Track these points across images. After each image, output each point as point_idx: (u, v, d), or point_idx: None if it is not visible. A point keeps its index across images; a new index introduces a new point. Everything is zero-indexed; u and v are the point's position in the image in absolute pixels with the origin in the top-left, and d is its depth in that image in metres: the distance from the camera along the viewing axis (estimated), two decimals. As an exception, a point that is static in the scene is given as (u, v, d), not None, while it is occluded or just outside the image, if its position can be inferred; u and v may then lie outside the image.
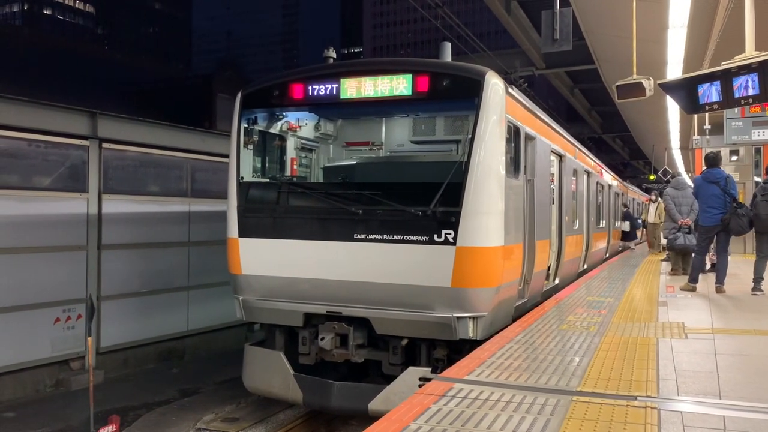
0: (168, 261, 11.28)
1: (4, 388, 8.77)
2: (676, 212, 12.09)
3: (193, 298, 11.70)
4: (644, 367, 5.09)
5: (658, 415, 3.88)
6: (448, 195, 6.51)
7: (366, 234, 6.86)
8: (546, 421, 3.76)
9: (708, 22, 10.94)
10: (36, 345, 9.07)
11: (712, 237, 9.70)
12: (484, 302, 6.59)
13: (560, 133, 10.88)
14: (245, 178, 7.77)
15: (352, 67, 7.64)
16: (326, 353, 7.08)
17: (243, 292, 7.60)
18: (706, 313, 7.96)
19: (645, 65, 10.39)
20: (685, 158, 31.67)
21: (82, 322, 9.50)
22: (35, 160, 9.34)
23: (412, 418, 3.82)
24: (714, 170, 9.58)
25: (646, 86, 8.60)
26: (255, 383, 7.74)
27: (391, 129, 8.92)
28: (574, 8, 11.88)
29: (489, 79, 6.76)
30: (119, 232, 10.30)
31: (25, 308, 8.92)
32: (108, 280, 10.11)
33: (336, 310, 7.02)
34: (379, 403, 6.66)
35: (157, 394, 9.32)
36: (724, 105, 6.50)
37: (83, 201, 9.79)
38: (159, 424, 8.08)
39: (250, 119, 7.91)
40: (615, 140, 46.17)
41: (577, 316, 7.64)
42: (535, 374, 4.85)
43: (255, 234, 7.49)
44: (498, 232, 6.70)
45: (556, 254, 10.35)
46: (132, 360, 10.60)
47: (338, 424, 8.10)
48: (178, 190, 11.61)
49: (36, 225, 9.11)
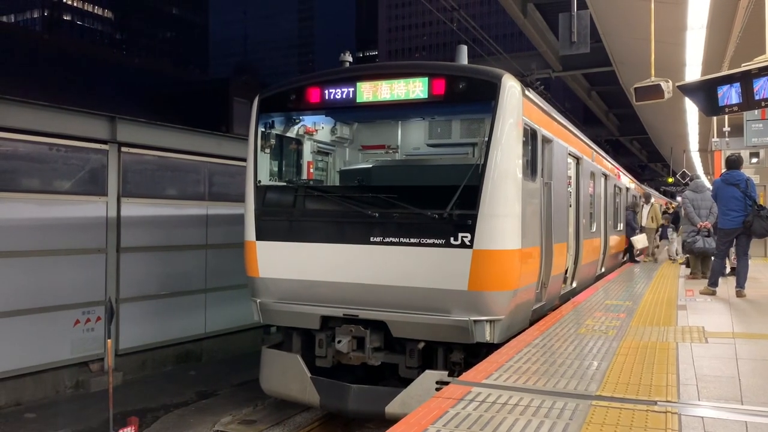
0: (185, 264, 11.36)
1: (25, 389, 8.88)
2: (695, 215, 11.97)
3: (211, 300, 11.77)
4: (664, 372, 5.04)
5: (679, 421, 3.84)
6: (465, 198, 6.50)
7: (382, 237, 6.87)
8: (565, 425, 3.74)
9: (727, 24, 10.82)
10: (56, 347, 9.17)
11: (732, 240, 9.58)
12: (501, 305, 6.56)
13: (577, 135, 10.82)
14: (262, 182, 7.81)
15: (368, 71, 7.65)
16: (343, 356, 7.08)
17: (260, 294, 7.64)
18: (726, 318, 7.86)
19: (663, 67, 10.29)
20: (704, 161, 31.32)
21: (101, 324, 9.60)
22: (56, 165, 9.46)
23: (431, 422, 3.81)
24: (734, 172, 9.47)
25: (664, 88, 8.52)
26: (272, 386, 7.76)
27: (407, 132, 8.93)
28: (592, 11, 11.80)
29: (506, 81, 6.75)
30: (138, 235, 10.39)
31: (45, 310, 9.03)
32: (127, 283, 10.21)
33: (353, 313, 7.03)
34: (396, 407, 6.65)
35: (175, 395, 9.39)
36: (744, 107, 6.43)
37: (103, 204, 9.89)
38: (177, 426, 8.13)
39: (268, 123, 7.95)
40: (632, 143, 45.77)
41: (595, 319, 7.59)
42: (553, 378, 4.82)
43: (272, 237, 7.52)
44: (515, 235, 6.68)
45: (574, 257, 10.29)
46: (150, 362, 10.69)
47: (355, 427, 8.10)
48: (196, 193, 11.70)
49: (56, 228, 9.22)
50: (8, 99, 8.83)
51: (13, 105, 8.84)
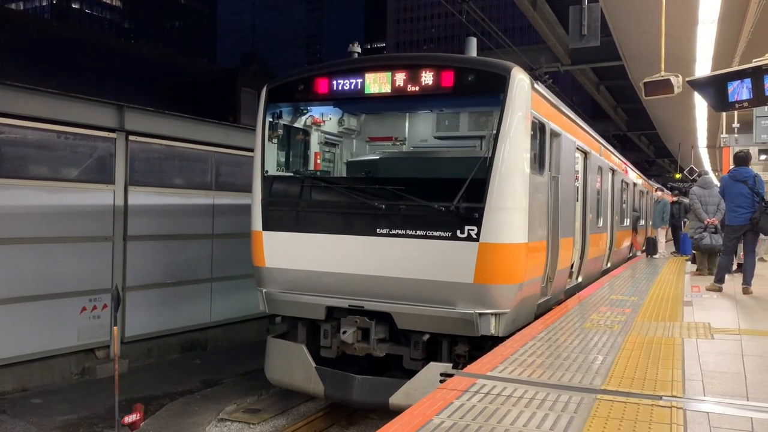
0: (192, 253, 11.39)
1: (32, 375, 8.95)
2: (702, 212, 11.93)
3: (216, 289, 11.81)
4: (669, 367, 5.04)
5: (684, 416, 3.84)
6: (472, 191, 6.49)
7: (389, 229, 6.87)
8: (570, 418, 3.75)
9: (739, 18, 10.74)
10: (63, 333, 9.23)
11: (739, 237, 9.55)
12: (506, 299, 6.56)
13: (585, 129, 10.77)
14: (270, 172, 7.82)
15: (376, 62, 7.63)
16: (348, 347, 7.11)
17: (266, 284, 7.66)
18: (732, 314, 7.85)
19: (673, 62, 10.23)
20: (712, 157, 31.14)
21: (108, 312, 9.64)
22: (64, 152, 9.49)
23: (435, 413, 3.83)
24: (742, 169, 9.44)
25: (674, 83, 8.46)
26: (277, 375, 7.80)
27: (414, 124, 8.91)
28: (602, 4, 11.72)
29: (515, 74, 6.72)
30: (144, 223, 10.42)
31: (52, 297, 9.08)
32: (133, 271, 10.25)
33: (358, 304, 7.05)
34: (400, 398, 6.68)
35: (180, 384, 9.44)
36: (754, 103, 6.40)
37: (110, 192, 9.92)
38: (182, 414, 8.18)
39: (275, 113, 7.95)
40: (640, 138, 45.50)
41: (600, 314, 7.58)
42: (558, 372, 4.83)
43: (279, 227, 7.54)
44: (522, 229, 6.67)
45: (580, 252, 10.27)
46: (155, 350, 10.74)
47: (358, 418, 8.14)
48: (203, 182, 11.72)
49: (64, 215, 9.26)
50: (18, 86, 8.85)
51: (22, 92, 8.85)
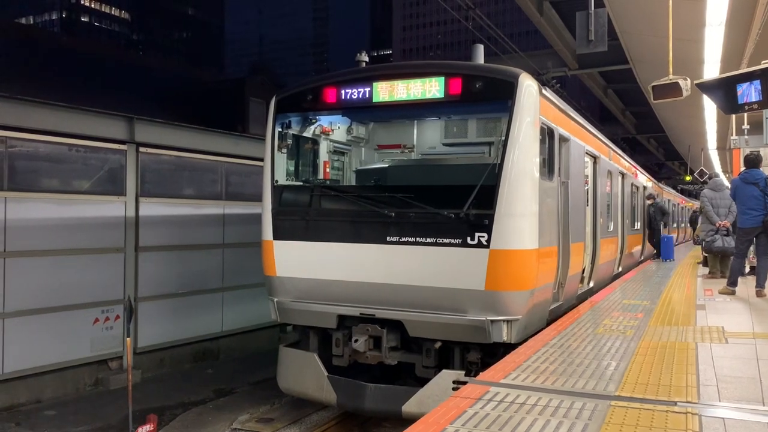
0: (203, 263, 11.44)
1: (46, 387, 9.00)
2: (714, 214, 11.86)
3: (228, 299, 11.85)
4: (683, 372, 5.00)
5: (700, 421, 3.81)
6: (482, 197, 6.49)
7: (399, 237, 6.88)
8: (584, 425, 3.73)
9: (747, 21, 10.69)
10: (76, 345, 9.29)
11: (751, 239, 9.49)
12: (518, 305, 6.55)
13: (594, 134, 10.75)
14: (279, 182, 7.85)
15: (384, 71, 7.66)
16: (360, 355, 7.10)
17: (277, 293, 7.68)
18: (746, 318, 7.79)
19: (681, 65, 10.21)
20: (722, 159, 30.95)
21: (120, 323, 9.70)
22: (75, 165, 9.57)
23: (449, 421, 3.82)
24: (753, 171, 9.38)
25: (682, 86, 8.45)
26: (289, 384, 7.80)
27: (423, 132, 8.93)
28: (609, 9, 11.72)
29: (522, 80, 6.72)
30: (156, 234, 10.48)
31: (65, 309, 9.14)
32: (145, 282, 10.30)
33: (369, 312, 7.04)
34: (413, 406, 6.66)
35: (193, 394, 9.46)
36: (764, 105, 6.38)
37: (121, 204, 9.99)
38: (195, 424, 8.20)
39: (284, 123, 7.99)
40: (650, 141, 45.32)
41: (612, 319, 7.55)
42: (571, 378, 4.81)
43: (289, 237, 7.56)
44: (532, 235, 6.66)
45: (591, 257, 10.23)
46: (168, 360, 10.78)
47: (371, 426, 8.12)
48: (213, 192, 11.77)
49: (76, 228, 9.33)
50: (29, 100, 8.95)
51: (33, 106, 8.95)
